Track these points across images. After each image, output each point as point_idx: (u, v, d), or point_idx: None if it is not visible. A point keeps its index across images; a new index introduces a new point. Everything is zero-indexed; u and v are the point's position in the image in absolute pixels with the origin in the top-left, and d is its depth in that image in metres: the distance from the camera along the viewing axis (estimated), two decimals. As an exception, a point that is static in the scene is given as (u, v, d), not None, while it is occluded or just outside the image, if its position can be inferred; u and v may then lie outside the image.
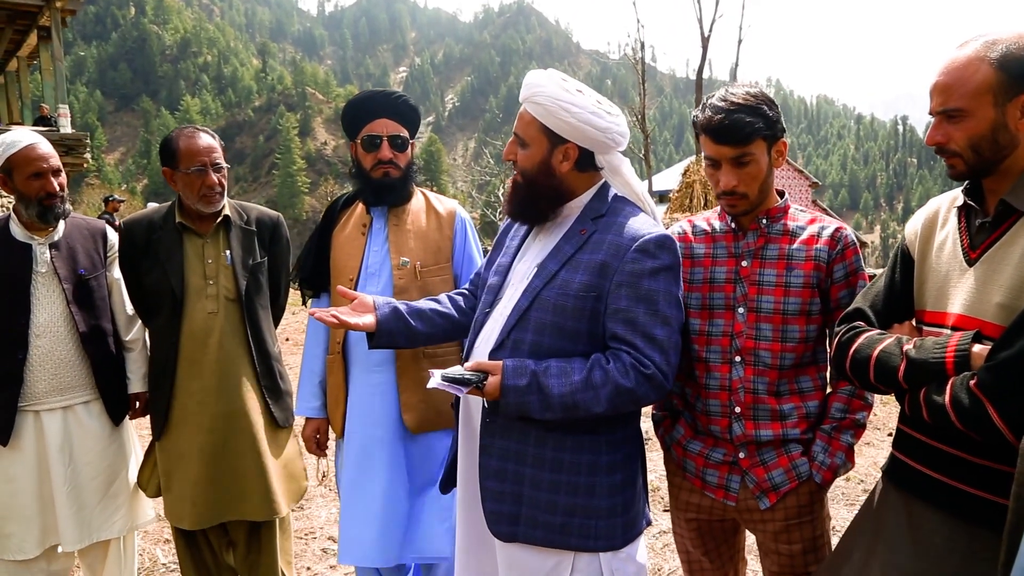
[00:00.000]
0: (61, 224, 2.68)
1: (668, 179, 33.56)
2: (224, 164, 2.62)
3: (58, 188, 2.59)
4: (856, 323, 1.71)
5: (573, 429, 1.80)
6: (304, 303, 2.76)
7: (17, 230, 2.62)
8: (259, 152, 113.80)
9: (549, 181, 1.88)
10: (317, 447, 2.69)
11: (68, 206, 2.68)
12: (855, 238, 2.04)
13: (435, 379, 1.71)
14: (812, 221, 2.03)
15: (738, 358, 1.99)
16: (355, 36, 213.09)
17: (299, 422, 2.73)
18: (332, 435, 2.67)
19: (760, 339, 1.97)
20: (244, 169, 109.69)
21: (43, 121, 15.91)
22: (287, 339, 10.06)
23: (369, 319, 2.07)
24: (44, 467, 2.61)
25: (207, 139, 2.61)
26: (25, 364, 2.56)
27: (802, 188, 35.52)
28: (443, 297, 2.25)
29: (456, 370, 1.74)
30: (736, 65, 26.19)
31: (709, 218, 2.15)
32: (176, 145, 2.57)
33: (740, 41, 25.73)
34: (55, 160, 2.61)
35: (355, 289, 2.47)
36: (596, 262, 1.79)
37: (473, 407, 1.96)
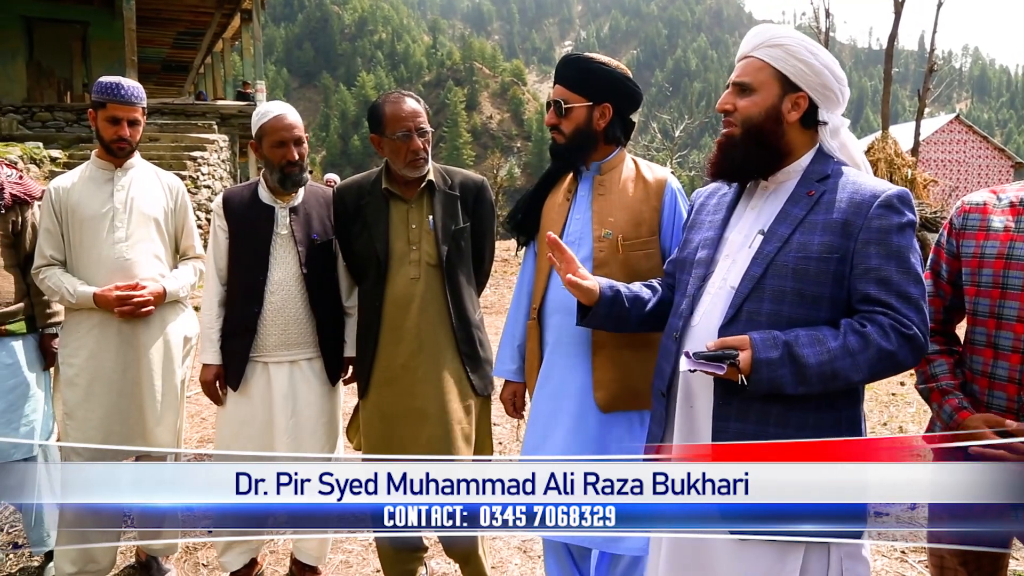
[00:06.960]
0: (301, 191, 2.88)
1: (847, 156, 31.46)
2: (428, 128, 2.63)
3: (297, 157, 2.76)
4: None
5: (817, 406, 1.68)
6: (518, 249, 2.76)
7: (264, 194, 2.85)
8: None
9: (776, 129, 1.77)
10: (514, 410, 2.68)
11: (307, 175, 2.85)
12: None
13: (688, 362, 1.61)
14: None
15: None
16: (522, 10, 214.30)
17: (499, 385, 2.73)
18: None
19: None
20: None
21: (244, 96, 17.30)
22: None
23: (591, 287, 1.96)
24: (268, 415, 2.81)
25: (412, 104, 2.61)
26: (259, 318, 2.77)
27: (1003, 168, 32.24)
28: (660, 289, 2.11)
29: (703, 350, 1.65)
30: (934, 31, 23.86)
31: (1021, 189, 1.93)
32: (382, 111, 2.60)
33: (940, 4, 23.45)
34: (298, 131, 2.78)
35: None
36: (836, 221, 1.68)
37: (696, 387, 1.81)
